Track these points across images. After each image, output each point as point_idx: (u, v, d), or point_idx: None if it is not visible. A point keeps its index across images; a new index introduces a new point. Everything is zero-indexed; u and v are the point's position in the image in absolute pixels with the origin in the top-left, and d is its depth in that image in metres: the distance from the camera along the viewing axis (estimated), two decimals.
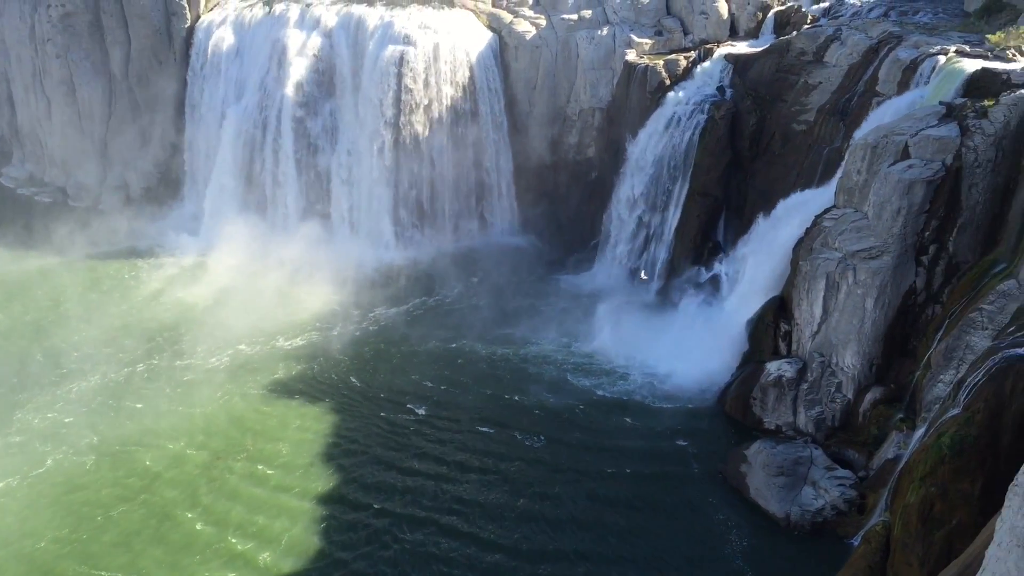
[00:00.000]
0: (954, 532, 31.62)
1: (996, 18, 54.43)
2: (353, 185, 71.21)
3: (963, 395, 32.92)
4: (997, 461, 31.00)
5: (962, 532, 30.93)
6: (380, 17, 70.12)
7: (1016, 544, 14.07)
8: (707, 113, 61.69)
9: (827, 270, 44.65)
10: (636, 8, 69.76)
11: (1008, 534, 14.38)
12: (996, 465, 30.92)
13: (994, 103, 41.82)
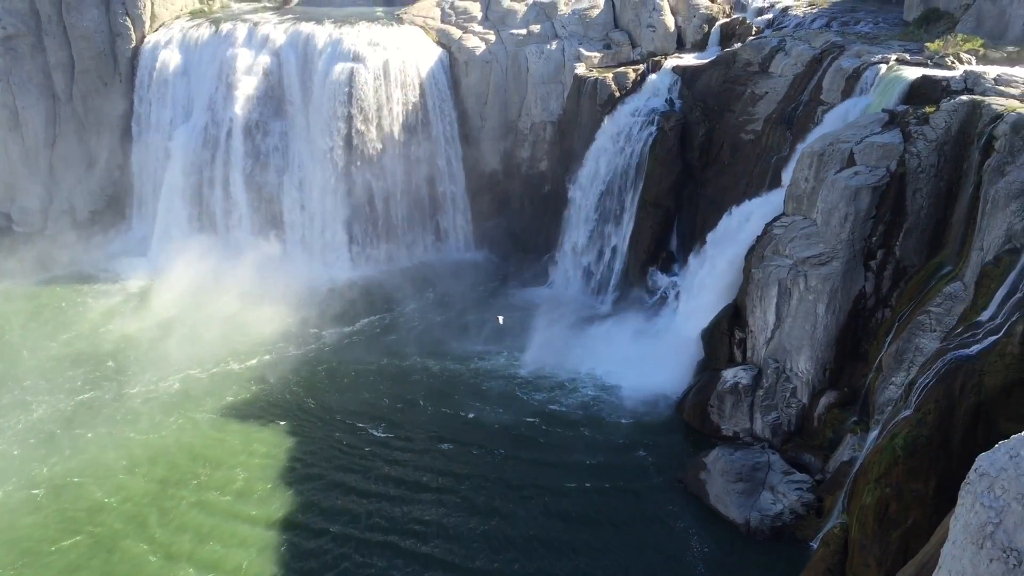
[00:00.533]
0: (910, 532, 32.02)
1: (934, 27, 55.68)
2: (305, 204, 70.63)
3: (914, 396, 33.42)
4: (949, 460, 31.49)
5: (918, 531, 31.33)
6: (329, 35, 69.84)
7: (971, 541, 14.22)
8: (657, 124, 62.27)
9: (779, 277, 45.16)
10: (584, 22, 70.31)
11: (962, 532, 14.52)
12: (948, 464, 31.40)
13: (935, 109, 42.71)
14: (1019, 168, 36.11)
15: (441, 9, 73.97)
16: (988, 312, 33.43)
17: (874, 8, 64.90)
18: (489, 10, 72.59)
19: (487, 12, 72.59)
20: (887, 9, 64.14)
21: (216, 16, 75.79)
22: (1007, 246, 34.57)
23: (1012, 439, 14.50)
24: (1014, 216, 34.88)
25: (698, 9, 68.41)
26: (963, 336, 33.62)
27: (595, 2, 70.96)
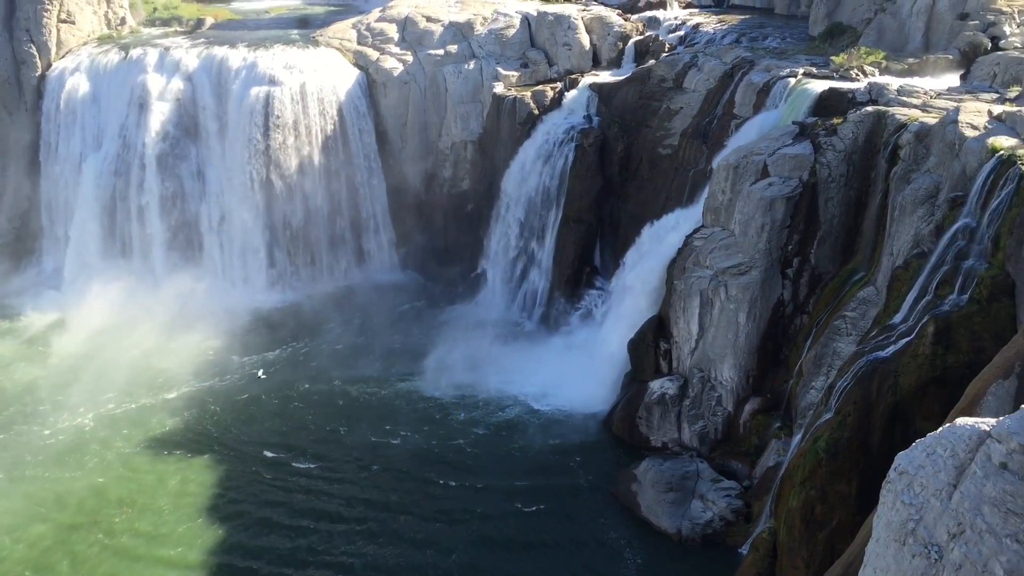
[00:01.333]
0: (835, 532, 32.79)
1: (839, 41, 57.60)
2: (224, 230, 69.28)
3: (834, 400, 34.31)
4: (870, 460, 32.38)
5: (843, 532, 32.10)
6: (243, 58, 68.85)
7: (893, 539, 14.61)
8: (576, 141, 62.93)
9: (700, 288, 45.97)
10: (501, 42, 70.77)
11: (885, 529, 14.91)
12: (869, 464, 32.29)
13: (842, 121, 44.13)
14: (924, 175, 37.50)
15: (357, 31, 73.61)
16: (900, 315, 34.55)
17: (780, 24, 66.86)
18: (406, 31, 72.53)
19: (404, 33, 72.50)
20: (793, 25, 66.14)
21: (125, 42, 74.08)
22: (915, 250, 35.82)
23: (928, 437, 14.97)
24: (921, 221, 36.19)
25: (612, 27, 69.50)
26: (878, 339, 34.68)
27: (511, 22, 71.50)
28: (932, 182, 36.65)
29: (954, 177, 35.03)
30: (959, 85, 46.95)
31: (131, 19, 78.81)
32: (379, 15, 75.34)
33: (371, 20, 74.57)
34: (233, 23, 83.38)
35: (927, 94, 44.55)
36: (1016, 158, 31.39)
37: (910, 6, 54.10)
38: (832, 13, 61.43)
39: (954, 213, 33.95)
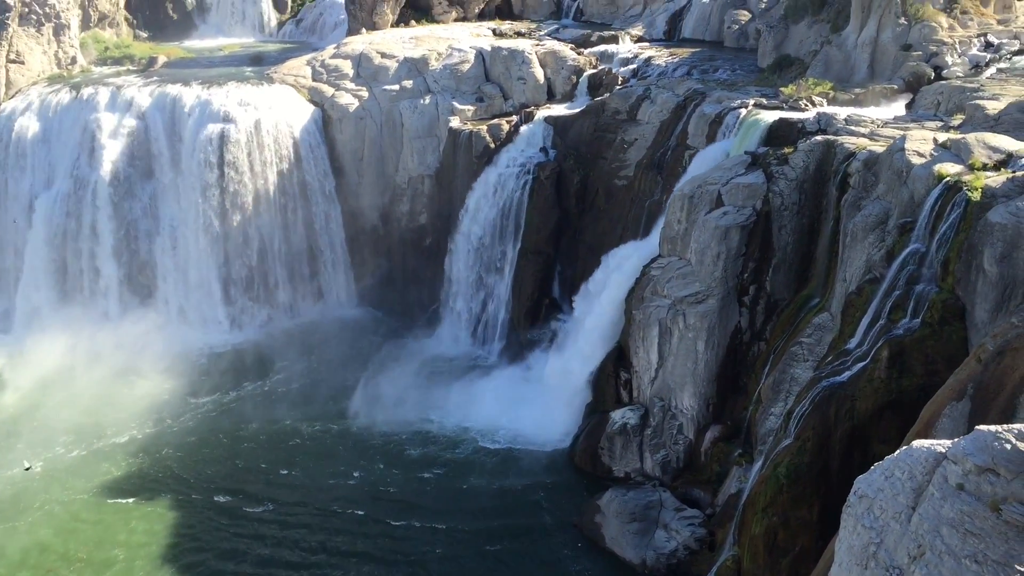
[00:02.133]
0: (798, 558, 32.91)
1: (787, 72, 58.79)
2: (179, 268, 68.48)
3: (793, 425, 34.58)
4: (830, 485, 32.61)
5: (806, 557, 32.23)
6: (197, 96, 68.47)
7: (855, 563, 14.69)
8: (533, 174, 63.35)
9: (659, 317, 46.25)
10: (456, 77, 71.18)
11: (847, 554, 15.01)
12: (829, 489, 32.51)
13: (793, 150, 44.93)
14: (873, 202, 38.23)
15: (312, 68, 73.65)
16: (855, 340, 35.01)
17: (730, 56, 68.08)
18: (361, 67, 72.70)
19: (359, 69, 72.66)
20: (743, 57, 67.37)
21: (76, 81, 73.36)
22: (868, 276, 36.41)
23: (886, 460, 15.13)
24: (872, 247, 36.83)
25: (566, 61, 70.27)
26: (834, 364, 35.10)
27: (465, 57, 72.01)
28: (882, 209, 37.35)
29: (903, 203, 35.73)
30: (905, 114, 48.06)
31: (82, 58, 78.19)
32: (334, 52, 75.55)
33: (326, 57, 74.72)
34: (186, 61, 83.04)
35: (874, 123, 45.52)
36: (962, 184, 32.11)
37: (855, 38, 55.43)
38: (780, 46, 62.73)
39: (904, 239, 34.59)
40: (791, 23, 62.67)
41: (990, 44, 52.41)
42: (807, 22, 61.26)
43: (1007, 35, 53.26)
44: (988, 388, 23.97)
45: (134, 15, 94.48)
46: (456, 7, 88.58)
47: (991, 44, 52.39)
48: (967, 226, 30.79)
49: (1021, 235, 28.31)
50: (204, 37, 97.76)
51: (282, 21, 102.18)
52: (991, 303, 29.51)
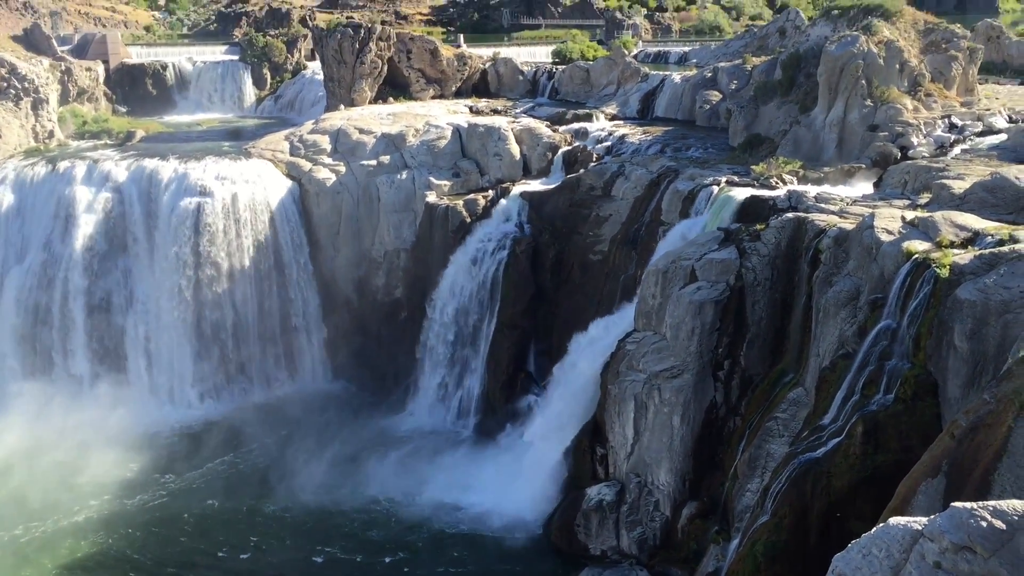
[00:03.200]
0: None
1: (758, 151, 59.94)
2: (151, 343, 67.82)
3: (769, 502, 34.34)
4: (808, 563, 32.22)
5: None
6: (174, 170, 68.77)
7: None
8: (508, 248, 63.73)
9: (634, 392, 46.15)
10: (433, 152, 72.02)
11: None
12: (807, 567, 32.10)
13: (764, 227, 45.54)
14: (844, 278, 38.69)
15: (290, 143, 74.32)
16: (829, 415, 35.04)
17: (702, 135, 69.40)
18: (338, 143, 73.45)
19: (336, 144, 73.41)
20: (714, 136, 68.69)
21: (53, 155, 73.58)
22: (841, 351, 36.62)
23: (863, 537, 15.01)
24: (844, 323, 37.13)
25: (541, 138, 71.39)
26: (809, 440, 35.04)
27: (442, 133, 72.98)
28: (853, 285, 37.79)
29: (873, 280, 36.18)
30: (873, 192, 48.98)
31: (60, 132, 78.55)
32: (312, 127, 76.37)
33: (304, 132, 75.49)
34: (164, 136, 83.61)
35: (843, 201, 46.35)
36: (930, 261, 32.60)
37: (823, 119, 56.79)
38: (750, 125, 64.09)
39: (875, 315, 34.92)
40: (761, 103, 64.16)
41: (954, 125, 53.86)
42: (776, 103, 62.75)
43: (970, 117, 54.79)
44: (963, 465, 23.96)
45: (113, 90, 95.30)
46: (434, 85, 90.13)
47: (955, 126, 53.85)
48: (937, 302, 31.16)
49: (990, 311, 28.69)
50: (183, 112, 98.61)
51: (261, 97, 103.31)
52: (963, 379, 29.71)
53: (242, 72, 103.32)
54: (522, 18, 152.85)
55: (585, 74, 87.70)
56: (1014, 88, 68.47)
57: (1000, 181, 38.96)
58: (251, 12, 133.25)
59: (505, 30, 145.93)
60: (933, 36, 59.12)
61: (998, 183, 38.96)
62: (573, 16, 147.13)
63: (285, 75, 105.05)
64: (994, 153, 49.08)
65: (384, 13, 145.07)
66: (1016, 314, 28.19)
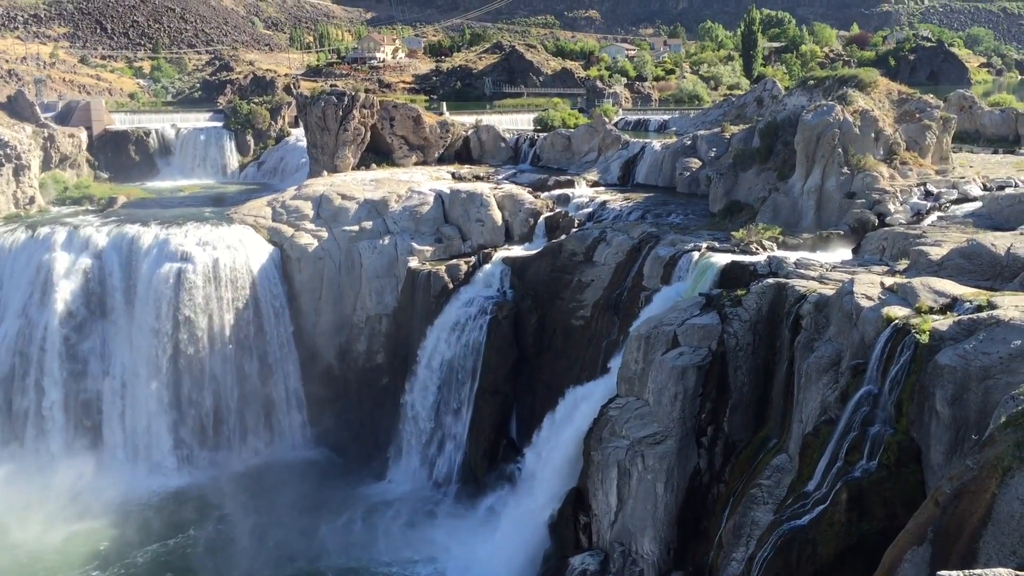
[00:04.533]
0: None
1: (737, 217, 60.59)
2: (128, 410, 66.95)
3: (756, 571, 33.78)
4: None
5: None
6: (155, 235, 68.74)
7: None
8: (491, 314, 63.68)
9: (617, 458, 45.68)
10: (415, 218, 72.37)
11: None
12: None
13: (745, 292, 45.71)
14: (825, 344, 38.76)
15: (272, 208, 74.56)
16: (814, 482, 34.74)
17: (683, 201, 70.18)
18: (321, 208, 73.75)
19: (319, 210, 73.70)
20: (694, 202, 69.46)
21: (33, 220, 73.48)
22: (823, 417, 36.48)
23: None
24: (826, 388, 37.08)
25: (523, 204, 71.96)
26: (794, 507, 34.67)
27: (425, 199, 73.46)
28: (834, 350, 37.83)
29: (854, 345, 36.25)
30: (851, 258, 49.38)
31: (41, 198, 78.56)
32: (295, 193, 76.74)
33: (286, 198, 75.80)
34: (147, 202, 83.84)
35: (823, 267, 46.69)
36: (910, 327, 32.72)
37: (801, 186, 57.54)
38: (730, 192, 64.86)
39: (857, 380, 34.88)
40: (740, 171, 65.03)
41: (930, 193, 54.69)
42: (755, 170, 63.63)
43: (945, 185, 55.67)
44: (948, 532, 23.74)
45: (96, 156, 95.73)
46: (416, 151, 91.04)
47: (931, 193, 54.67)
48: (918, 368, 31.19)
49: (970, 377, 28.72)
50: (166, 179, 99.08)
51: (244, 163, 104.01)
52: (945, 445, 29.60)
53: (225, 139, 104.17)
54: (504, 86, 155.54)
55: (566, 141, 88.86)
56: (987, 156, 69.82)
57: (976, 248, 39.41)
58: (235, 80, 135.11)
59: (487, 98, 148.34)
60: (907, 106, 60.36)
61: (975, 250, 39.41)
62: (554, 84, 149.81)
63: (269, 142, 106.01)
64: (970, 220, 49.73)
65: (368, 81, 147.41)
66: (996, 380, 28.23)
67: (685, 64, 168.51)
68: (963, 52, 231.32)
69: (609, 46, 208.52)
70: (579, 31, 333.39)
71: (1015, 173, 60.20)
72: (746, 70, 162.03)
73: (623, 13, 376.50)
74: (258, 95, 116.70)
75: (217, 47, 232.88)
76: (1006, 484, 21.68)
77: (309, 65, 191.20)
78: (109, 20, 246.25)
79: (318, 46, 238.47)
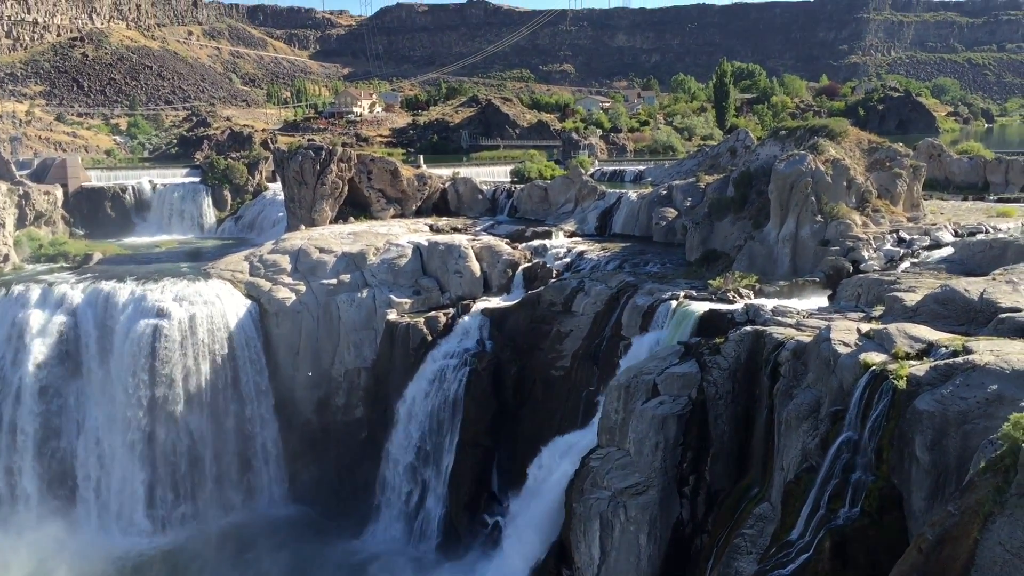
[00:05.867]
0: None
1: (714, 266, 61.02)
2: (103, 469, 65.84)
3: None
4: None
5: None
6: (131, 291, 68.26)
7: None
8: (470, 365, 63.43)
9: (599, 510, 45.28)
10: (394, 271, 72.35)
11: None
12: None
13: (724, 340, 45.83)
14: (804, 391, 38.82)
15: (250, 263, 74.34)
16: (797, 531, 34.54)
17: (660, 251, 70.66)
18: (299, 262, 73.63)
19: (296, 264, 73.56)
20: (671, 251, 69.95)
21: (7, 278, 72.85)
22: (805, 464, 36.40)
23: None
24: (807, 436, 37.05)
25: (501, 256, 72.17)
26: (777, 556, 34.39)
27: (403, 252, 73.54)
28: (813, 397, 37.89)
29: (833, 392, 36.33)
30: (828, 305, 49.74)
31: (15, 256, 78.01)
32: (272, 247, 76.59)
33: (264, 252, 75.64)
34: (123, 258, 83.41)
35: (800, 314, 46.93)
36: (888, 373, 32.85)
37: (776, 234, 58.13)
38: (706, 240, 65.40)
39: (837, 427, 34.88)
40: (715, 220, 65.65)
41: (903, 240, 55.37)
42: (730, 219, 64.27)
43: (918, 231, 56.42)
44: None
45: (72, 213, 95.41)
46: (394, 204, 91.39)
47: (904, 240, 55.36)
48: (896, 414, 31.25)
49: (949, 422, 28.81)
50: (143, 234, 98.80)
51: (221, 218, 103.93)
52: (926, 491, 29.57)
53: (203, 194, 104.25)
54: (480, 139, 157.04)
55: (543, 192, 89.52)
56: (958, 203, 70.96)
57: (950, 293, 39.81)
58: (213, 135, 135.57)
59: (464, 150, 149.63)
60: (877, 155, 61.37)
61: (948, 295, 39.80)
62: (531, 136, 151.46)
63: (246, 196, 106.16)
64: (942, 266, 50.29)
65: (345, 135, 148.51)
66: (975, 424, 28.33)
67: (659, 115, 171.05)
68: (930, 102, 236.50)
69: (584, 99, 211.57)
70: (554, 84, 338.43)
71: (985, 219, 61.17)
72: (719, 121, 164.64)
73: (597, 67, 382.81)
74: (235, 150, 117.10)
75: (194, 103, 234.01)
76: (988, 529, 21.67)
77: (286, 120, 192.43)
78: (86, 78, 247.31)
79: (295, 101, 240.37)
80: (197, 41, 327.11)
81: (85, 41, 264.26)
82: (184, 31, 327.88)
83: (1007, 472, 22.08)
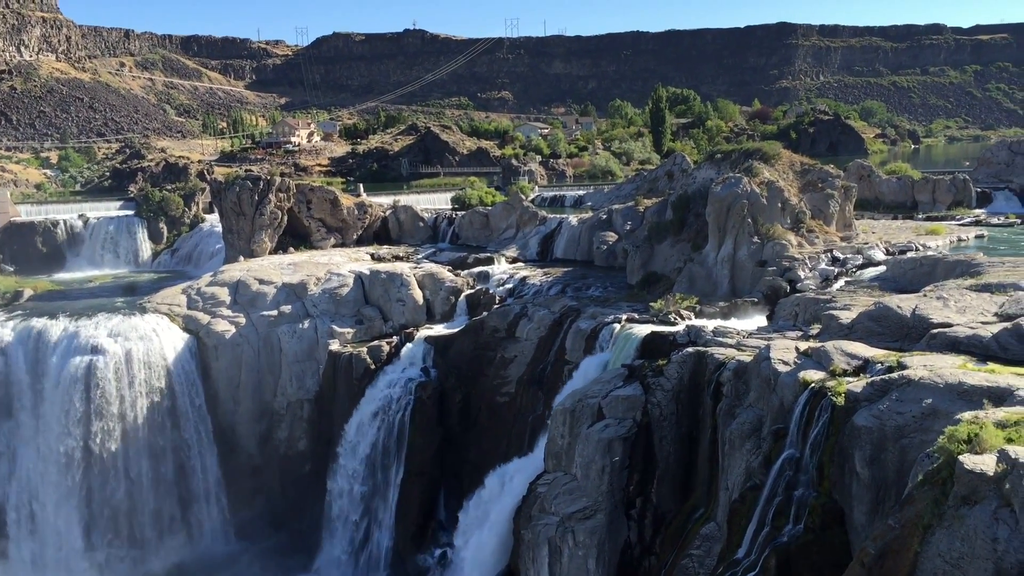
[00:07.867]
0: None
1: (655, 288, 61.63)
2: (35, 514, 63.67)
3: None
4: None
5: None
6: (64, 328, 66.45)
7: None
8: (414, 394, 63.00)
9: (548, 535, 45.11)
10: (335, 300, 71.67)
11: None
12: None
13: (666, 362, 46.21)
14: (746, 410, 39.28)
15: (188, 296, 72.99)
16: (743, 549, 34.80)
17: (601, 275, 71.16)
18: (238, 294, 72.51)
19: (236, 296, 72.42)
20: (612, 275, 70.51)
21: None
22: (749, 483, 36.76)
23: None
24: (750, 454, 37.45)
25: (443, 283, 72.00)
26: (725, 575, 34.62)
27: (344, 281, 72.92)
28: (755, 416, 38.35)
29: (774, 410, 36.83)
30: (767, 325, 50.47)
31: None
32: (210, 280, 75.38)
33: (202, 285, 74.38)
34: (55, 294, 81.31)
35: (740, 334, 47.56)
36: (826, 390, 33.42)
37: (714, 256, 58.99)
38: (646, 263, 66.09)
39: (779, 445, 35.32)
40: (655, 243, 66.42)
41: (837, 259, 56.60)
42: (669, 242, 65.08)
43: (851, 251, 57.75)
44: None
45: (1, 250, 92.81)
46: (335, 233, 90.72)
47: (838, 259, 56.60)
48: (836, 430, 31.76)
49: (886, 437, 29.36)
50: (75, 270, 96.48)
51: (157, 251, 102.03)
52: (867, 505, 30.04)
53: (137, 227, 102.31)
54: (420, 167, 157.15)
55: (484, 219, 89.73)
56: (888, 222, 72.88)
57: (884, 311, 40.71)
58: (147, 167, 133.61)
59: (404, 178, 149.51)
60: (810, 176, 62.79)
61: (882, 312, 40.70)
62: (470, 164, 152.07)
63: (183, 228, 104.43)
64: (875, 284, 51.50)
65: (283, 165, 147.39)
66: (911, 438, 28.91)
67: (597, 141, 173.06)
68: (859, 124, 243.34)
69: (523, 125, 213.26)
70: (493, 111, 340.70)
71: (915, 237, 62.91)
72: (656, 145, 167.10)
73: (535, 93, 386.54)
74: (171, 182, 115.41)
75: (128, 135, 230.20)
76: (928, 541, 22.06)
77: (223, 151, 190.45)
78: (15, 111, 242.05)
79: (232, 132, 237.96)
80: (130, 72, 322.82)
81: (13, 74, 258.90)
82: (116, 62, 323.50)
83: (944, 484, 22.52)
